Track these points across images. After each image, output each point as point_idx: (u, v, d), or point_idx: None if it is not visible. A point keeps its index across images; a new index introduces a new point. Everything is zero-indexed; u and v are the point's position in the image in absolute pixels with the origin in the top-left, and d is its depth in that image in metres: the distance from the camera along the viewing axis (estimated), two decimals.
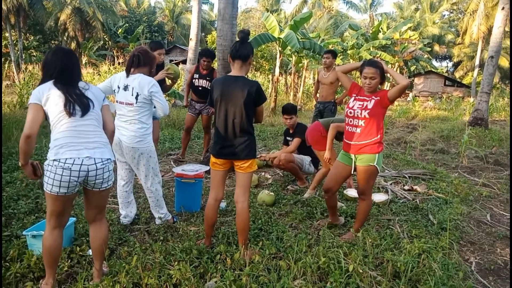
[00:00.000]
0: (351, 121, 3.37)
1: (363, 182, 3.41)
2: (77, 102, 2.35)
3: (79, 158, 2.28)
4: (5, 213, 3.66)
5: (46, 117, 2.36)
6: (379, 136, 3.30)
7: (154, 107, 3.49)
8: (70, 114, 2.31)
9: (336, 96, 7.04)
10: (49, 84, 2.36)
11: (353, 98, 3.43)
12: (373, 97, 3.28)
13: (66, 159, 2.26)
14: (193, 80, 6.08)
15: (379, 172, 3.51)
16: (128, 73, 3.39)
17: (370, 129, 3.28)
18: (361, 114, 3.28)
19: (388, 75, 3.45)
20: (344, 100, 6.59)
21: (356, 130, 3.32)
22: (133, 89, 3.34)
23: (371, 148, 3.29)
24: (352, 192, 4.74)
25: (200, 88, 6.07)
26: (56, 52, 2.47)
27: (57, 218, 2.40)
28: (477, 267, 3.25)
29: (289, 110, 5.17)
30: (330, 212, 3.80)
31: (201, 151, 6.91)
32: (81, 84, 2.46)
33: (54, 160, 2.27)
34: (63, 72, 2.39)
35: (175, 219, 3.78)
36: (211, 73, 6.01)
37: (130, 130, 3.37)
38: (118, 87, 3.43)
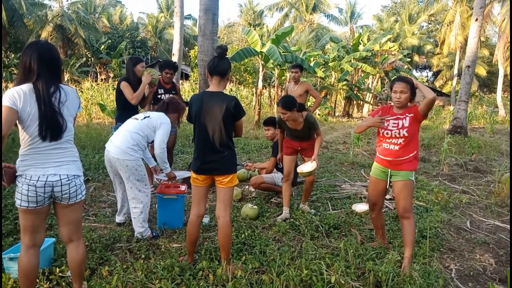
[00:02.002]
0: (388, 140, 3.30)
1: (405, 199, 3.25)
2: (52, 126, 2.25)
3: (44, 175, 2.26)
4: None
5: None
6: (415, 151, 3.26)
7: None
8: (43, 139, 2.25)
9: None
10: (27, 89, 2.21)
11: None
12: (406, 114, 3.22)
13: (32, 175, 2.25)
14: (159, 96, 5.47)
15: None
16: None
17: (408, 145, 3.22)
18: (399, 133, 3.22)
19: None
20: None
21: (394, 147, 3.26)
22: (149, 116, 3.88)
23: (408, 165, 3.24)
24: (305, 168, 4.36)
25: None
26: (31, 46, 2.28)
27: (30, 235, 2.35)
28: (457, 273, 3.30)
29: (266, 121, 5.34)
30: (377, 233, 3.69)
31: (184, 167, 6.88)
32: (62, 95, 2.31)
33: (20, 175, 2.27)
34: (42, 69, 2.24)
35: (154, 233, 3.80)
36: (174, 86, 5.65)
37: (120, 141, 3.64)
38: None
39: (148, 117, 3.86)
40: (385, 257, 3.16)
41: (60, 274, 2.90)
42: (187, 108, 3.35)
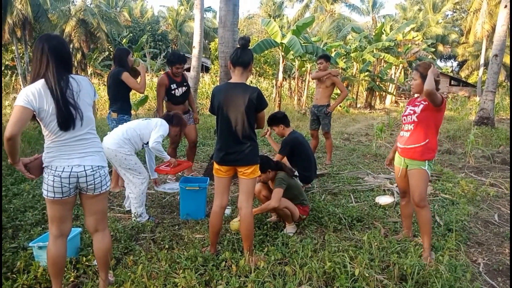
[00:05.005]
0: (404, 126, 3.39)
1: (417, 187, 3.24)
2: (70, 116, 2.27)
3: (68, 166, 2.30)
4: (12, 225, 3.70)
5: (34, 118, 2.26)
6: (427, 140, 3.19)
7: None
8: (64, 129, 2.27)
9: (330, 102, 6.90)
10: (41, 87, 2.21)
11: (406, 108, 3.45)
12: (422, 102, 3.25)
13: (57, 166, 2.29)
14: (172, 92, 5.41)
15: (429, 178, 3.38)
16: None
17: (418, 133, 3.22)
18: (410, 118, 3.28)
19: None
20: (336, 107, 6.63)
21: (406, 134, 3.33)
22: (150, 119, 4.19)
23: (416, 154, 3.22)
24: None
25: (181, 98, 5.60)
26: (40, 39, 2.28)
27: (58, 225, 2.40)
28: (485, 268, 3.22)
29: (268, 122, 4.87)
30: (404, 223, 3.67)
31: (206, 159, 6.92)
32: (74, 85, 2.31)
33: (46, 167, 2.32)
34: (51, 61, 2.24)
35: (150, 219, 3.99)
36: (184, 78, 5.60)
37: (116, 133, 3.93)
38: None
39: (150, 119, 4.20)
40: (410, 250, 3.10)
41: (87, 263, 2.96)
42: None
